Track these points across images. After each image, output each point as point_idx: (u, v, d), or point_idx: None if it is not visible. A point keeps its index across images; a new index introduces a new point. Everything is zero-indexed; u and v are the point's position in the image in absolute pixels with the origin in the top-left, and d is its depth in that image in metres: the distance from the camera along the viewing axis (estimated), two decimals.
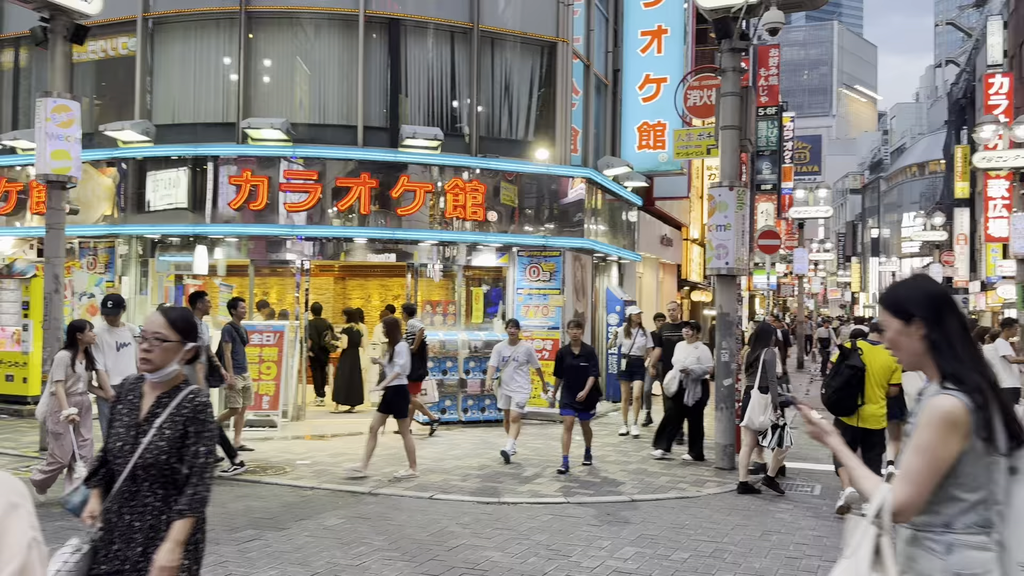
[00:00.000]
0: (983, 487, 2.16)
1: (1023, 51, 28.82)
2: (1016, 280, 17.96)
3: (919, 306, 2.26)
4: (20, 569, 1.07)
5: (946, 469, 2.14)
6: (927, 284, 2.35)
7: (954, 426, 2.12)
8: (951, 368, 2.19)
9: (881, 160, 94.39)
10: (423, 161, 11.81)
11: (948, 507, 2.16)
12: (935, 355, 2.24)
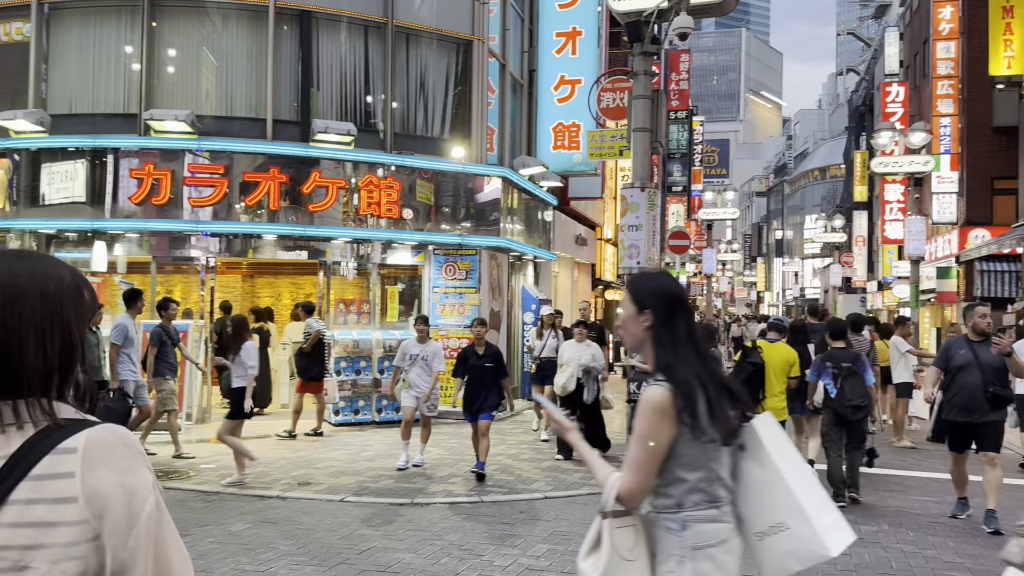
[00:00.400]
0: (702, 466, 2.32)
1: (917, 62, 30.33)
2: (910, 280, 18.90)
3: (654, 300, 2.43)
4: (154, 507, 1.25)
5: (664, 453, 2.30)
6: (666, 282, 2.52)
7: (662, 413, 2.28)
8: (665, 361, 2.36)
9: (785, 164, 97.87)
10: (336, 157, 11.59)
11: (676, 488, 2.32)
12: (655, 346, 2.41)
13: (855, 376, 7.43)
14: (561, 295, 19.59)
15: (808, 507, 2.33)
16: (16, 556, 1.16)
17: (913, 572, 5.52)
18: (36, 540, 1.17)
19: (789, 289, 77.57)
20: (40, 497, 1.18)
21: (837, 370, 7.46)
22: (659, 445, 2.28)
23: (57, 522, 1.18)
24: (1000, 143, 23.44)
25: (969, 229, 23.77)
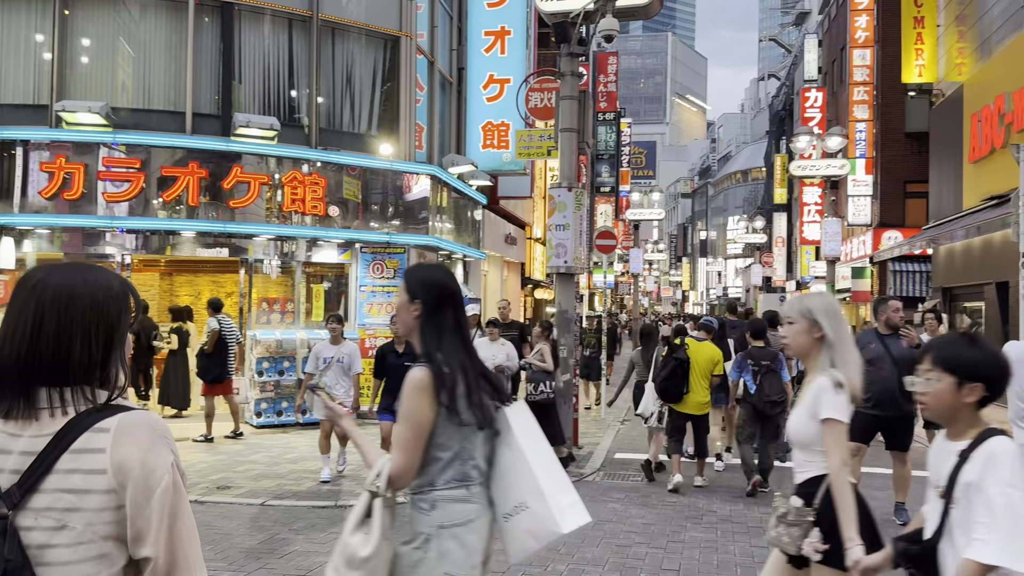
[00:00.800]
0: (455, 445, 2.42)
1: (835, 68, 31.39)
2: (827, 280, 19.54)
3: (424, 291, 2.54)
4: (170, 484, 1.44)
5: (427, 432, 2.39)
6: (438, 275, 2.63)
7: (423, 391, 2.39)
8: (427, 349, 2.50)
9: (709, 166, 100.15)
10: (258, 151, 11.33)
11: (431, 467, 2.42)
12: (420, 335, 2.54)
13: (773, 373, 7.77)
14: (491, 294, 19.60)
15: (547, 488, 2.45)
16: (58, 516, 1.40)
17: None
18: (74, 504, 1.41)
19: (713, 288, 79.41)
20: (77, 467, 1.42)
21: (757, 368, 7.79)
22: (422, 424, 2.37)
23: (90, 490, 1.41)
24: (912, 148, 24.45)
25: (883, 231, 24.74)
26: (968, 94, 18.84)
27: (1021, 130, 15.23)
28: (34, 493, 1.41)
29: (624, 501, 7.52)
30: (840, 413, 2.99)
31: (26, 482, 1.41)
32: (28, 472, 1.41)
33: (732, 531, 6.52)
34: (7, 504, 1.39)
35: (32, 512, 1.40)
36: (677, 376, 8.01)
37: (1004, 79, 16.41)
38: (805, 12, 52.37)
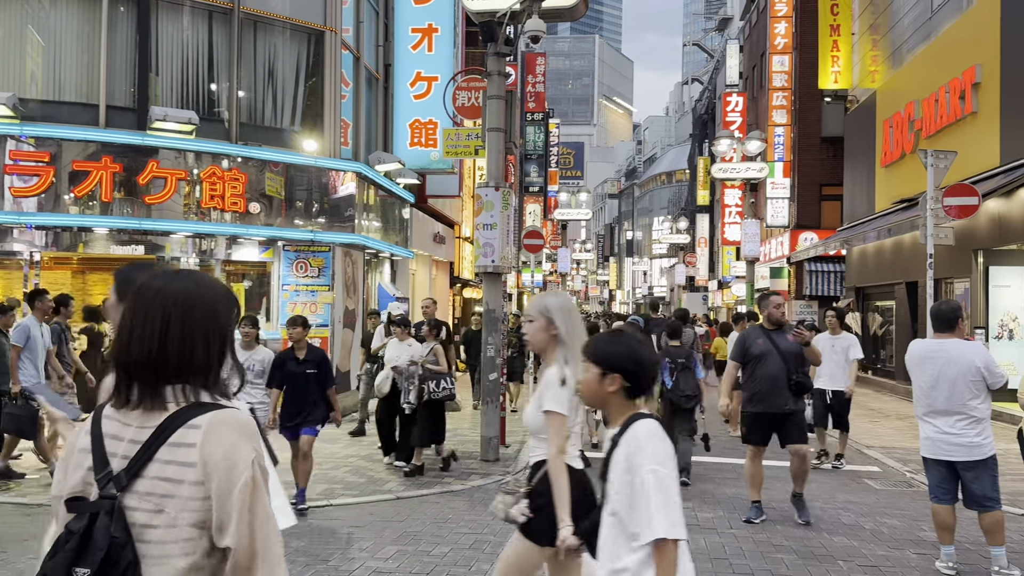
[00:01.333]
0: None
1: (755, 74, 32.26)
2: (746, 280, 20.06)
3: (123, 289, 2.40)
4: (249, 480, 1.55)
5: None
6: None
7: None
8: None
9: (635, 168, 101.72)
10: (176, 146, 10.99)
11: None
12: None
13: (687, 370, 8.27)
14: (419, 293, 19.47)
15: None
16: (157, 501, 1.55)
17: (744, 555, 5.84)
18: (169, 491, 1.55)
19: (639, 288, 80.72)
20: (173, 459, 1.56)
21: (673, 365, 8.26)
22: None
23: (183, 480, 1.55)
24: (828, 152, 25.31)
25: (799, 232, 25.55)
26: (880, 100, 19.61)
27: (930, 136, 15.93)
28: (138, 478, 1.57)
29: None
30: (560, 406, 3.22)
31: (132, 468, 1.57)
32: (134, 459, 1.58)
33: None
34: (116, 486, 1.56)
35: (136, 495, 1.56)
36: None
37: (914, 87, 17.14)
38: (727, 18, 53.68)
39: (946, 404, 5.26)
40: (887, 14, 19.59)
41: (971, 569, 5.47)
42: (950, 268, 14.57)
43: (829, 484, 8.48)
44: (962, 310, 5.66)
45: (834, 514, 7.13)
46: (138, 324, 1.63)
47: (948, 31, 15.59)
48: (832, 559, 5.75)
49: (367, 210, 13.57)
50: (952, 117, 14.88)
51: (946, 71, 15.20)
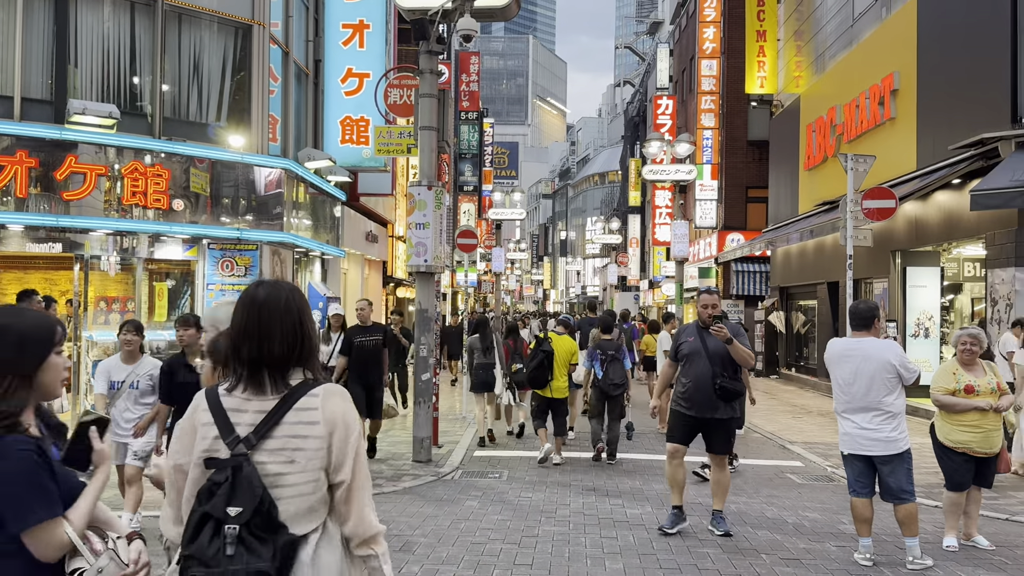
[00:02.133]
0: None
1: (685, 77, 32.85)
2: (676, 279, 20.41)
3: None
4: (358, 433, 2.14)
5: None
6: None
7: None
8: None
9: (569, 168, 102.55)
10: (96, 141, 10.60)
11: None
12: None
13: (617, 361, 9.32)
14: (351, 292, 19.24)
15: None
16: (289, 453, 2.04)
17: (671, 551, 5.93)
18: (298, 445, 2.04)
19: (572, 287, 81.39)
20: (299, 420, 2.06)
21: (604, 357, 9.31)
22: None
23: (308, 435, 2.06)
24: (754, 155, 25.94)
25: (726, 233, 26.12)
26: (804, 105, 20.19)
27: (851, 140, 16.47)
28: (267, 439, 2.04)
29: (481, 499, 7.56)
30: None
31: (260, 431, 2.05)
32: (260, 425, 2.05)
33: (584, 524, 6.68)
34: (247, 446, 2.03)
35: (267, 452, 2.03)
36: (544, 366, 9.27)
37: (836, 92, 17.70)
38: (658, 22, 54.53)
39: (863, 400, 5.43)
40: (811, 21, 20.19)
41: (888, 560, 5.67)
42: (869, 269, 15.10)
43: (754, 479, 8.69)
44: (879, 310, 5.87)
45: (758, 508, 7.31)
46: (276, 329, 2.13)
47: (868, 39, 16.14)
48: (756, 552, 5.89)
49: (296, 208, 13.34)
50: (872, 122, 15.42)
51: (866, 78, 15.74)
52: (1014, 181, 9.94)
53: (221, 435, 2.05)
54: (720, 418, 6.26)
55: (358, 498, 2.11)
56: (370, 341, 9.11)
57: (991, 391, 5.80)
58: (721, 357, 6.20)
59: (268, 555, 1.95)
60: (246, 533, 1.95)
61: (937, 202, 13.01)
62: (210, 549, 1.94)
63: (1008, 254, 11.02)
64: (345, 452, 2.08)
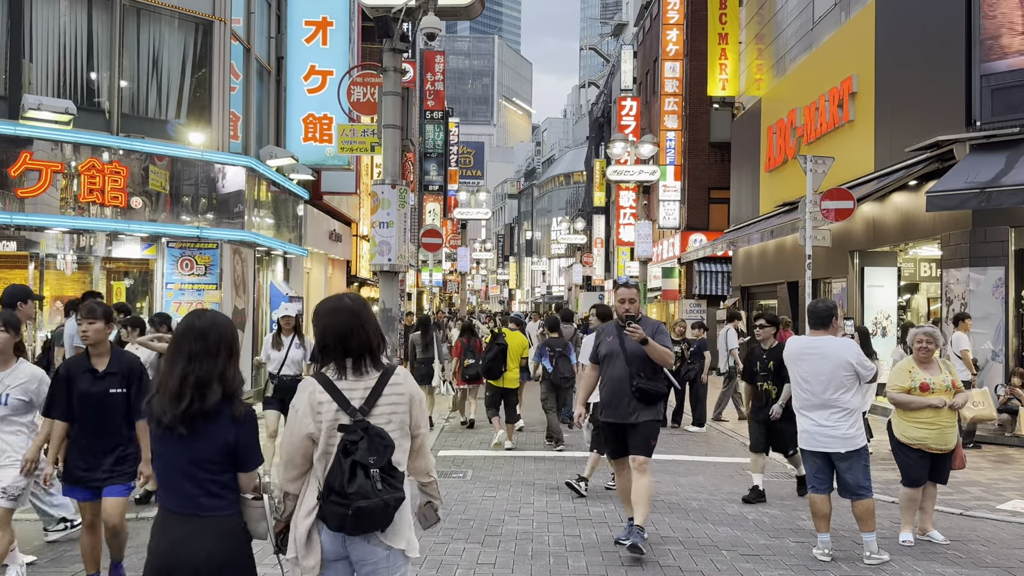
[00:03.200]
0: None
1: (649, 79, 33.09)
2: (640, 279, 20.54)
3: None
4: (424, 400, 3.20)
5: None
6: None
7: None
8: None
9: (535, 169, 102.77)
10: (51, 137, 10.38)
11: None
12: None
13: (564, 357, 10.21)
14: (314, 292, 19.06)
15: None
16: (388, 416, 2.89)
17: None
18: (394, 411, 2.91)
19: (538, 287, 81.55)
20: (392, 393, 2.92)
21: (552, 353, 10.21)
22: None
23: (399, 403, 2.93)
24: (716, 157, 26.22)
25: (689, 234, 26.37)
26: (765, 107, 20.45)
27: (810, 142, 16.72)
28: (374, 407, 2.88)
29: (445, 499, 7.51)
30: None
31: (370, 402, 2.88)
32: (368, 398, 2.89)
33: (547, 522, 6.69)
34: (363, 413, 2.84)
35: (374, 416, 2.86)
36: (499, 358, 10.10)
37: (796, 95, 17.95)
38: (623, 24, 54.89)
39: (821, 398, 5.52)
40: (772, 24, 20.45)
41: (845, 555, 5.77)
42: (828, 269, 15.34)
43: (715, 476, 8.78)
44: (837, 309, 5.96)
45: (719, 505, 7.38)
46: (359, 329, 2.93)
47: (828, 42, 16.40)
48: (716, 549, 5.95)
49: (258, 206, 13.19)
50: (831, 124, 15.66)
51: (826, 80, 15.99)
52: (968, 183, 10.17)
53: (341, 408, 2.84)
54: (639, 423, 5.77)
55: (425, 445, 3.12)
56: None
57: (946, 389, 5.92)
58: (639, 357, 5.74)
59: (399, 486, 2.85)
60: (384, 474, 2.78)
61: (894, 203, 13.26)
62: (367, 486, 2.72)
63: (963, 254, 11.26)
64: (420, 415, 3.03)
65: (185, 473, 2.75)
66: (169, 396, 2.73)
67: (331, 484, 2.74)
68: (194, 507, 2.74)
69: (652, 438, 5.89)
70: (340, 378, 2.87)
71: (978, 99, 11.09)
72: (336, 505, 2.71)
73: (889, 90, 13.56)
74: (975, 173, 10.30)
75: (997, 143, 10.66)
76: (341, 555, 2.85)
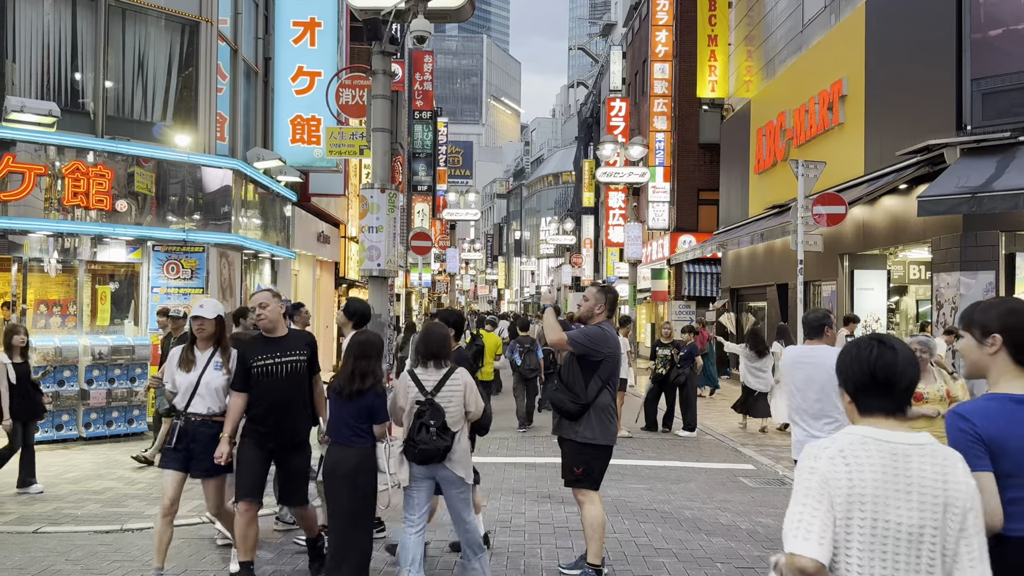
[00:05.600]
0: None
1: (638, 80, 33.06)
2: (629, 280, 20.49)
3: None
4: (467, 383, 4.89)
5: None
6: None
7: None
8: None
9: (523, 168, 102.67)
10: (34, 139, 10.22)
11: None
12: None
13: (531, 352, 12.43)
14: (303, 295, 18.92)
15: None
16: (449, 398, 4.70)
17: (627, 560, 5.90)
18: (452, 395, 4.72)
19: (527, 287, 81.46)
20: (452, 382, 4.74)
21: (522, 349, 12.43)
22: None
23: (456, 390, 4.75)
24: (705, 158, 26.21)
25: (679, 235, 26.35)
26: (755, 110, 20.44)
27: (800, 145, 16.71)
28: (439, 391, 4.65)
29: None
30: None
31: (436, 388, 4.66)
32: (436, 386, 4.66)
33: (539, 533, 6.62)
34: (432, 395, 4.63)
35: (439, 397, 4.63)
36: (478, 356, 11.17)
37: (786, 97, 17.94)
38: (611, 24, 54.87)
39: (815, 407, 5.46)
40: (761, 26, 20.44)
41: None
42: (818, 272, 15.33)
43: (708, 483, 8.73)
44: (830, 318, 5.91)
45: (712, 514, 7.33)
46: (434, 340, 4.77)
47: (818, 45, 16.39)
48: (711, 561, 5.89)
49: (245, 209, 13.05)
50: (821, 127, 15.65)
51: (816, 83, 15.97)
52: (959, 187, 10.16)
53: (420, 390, 4.67)
54: (561, 438, 5.40)
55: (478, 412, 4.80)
56: (285, 362, 5.16)
57: (940, 399, 5.87)
58: (566, 364, 5.40)
59: (449, 439, 4.60)
60: (438, 431, 4.56)
61: (884, 207, 13.26)
62: (426, 437, 4.55)
63: (953, 259, 11.26)
64: (471, 397, 4.72)
65: (346, 423, 4.71)
66: (345, 378, 4.73)
67: (410, 434, 4.63)
68: (348, 441, 4.70)
69: (575, 465, 5.27)
70: (424, 370, 4.74)
71: (969, 103, 11.08)
72: (410, 445, 4.61)
73: (879, 93, 13.55)
74: (966, 177, 10.28)
75: (988, 147, 10.65)
76: (427, 476, 4.70)
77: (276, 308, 5.19)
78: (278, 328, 5.24)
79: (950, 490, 2.05)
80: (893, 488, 2.05)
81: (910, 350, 2.23)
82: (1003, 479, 2.44)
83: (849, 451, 2.13)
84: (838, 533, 2.06)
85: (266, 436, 5.06)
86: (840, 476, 2.08)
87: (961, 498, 2.04)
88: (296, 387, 5.16)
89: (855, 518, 2.05)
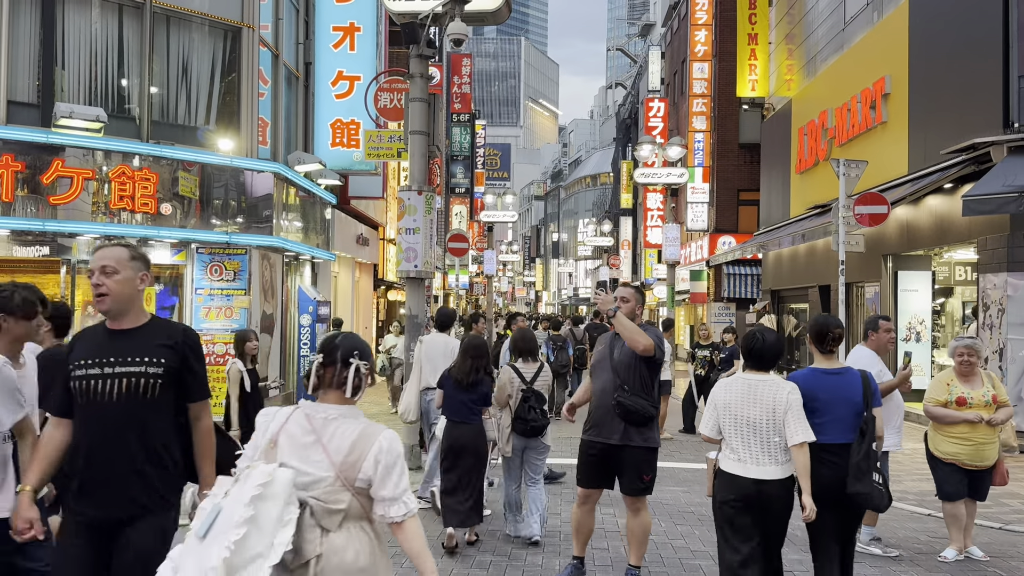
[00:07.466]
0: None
1: (676, 80, 32.85)
2: (667, 282, 20.37)
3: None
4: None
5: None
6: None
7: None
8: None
9: (561, 170, 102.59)
10: (83, 144, 10.50)
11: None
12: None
13: (563, 350, 13.50)
14: (342, 296, 19.16)
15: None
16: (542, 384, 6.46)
17: (664, 562, 5.87)
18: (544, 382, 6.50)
19: (564, 289, 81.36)
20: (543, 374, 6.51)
21: (554, 346, 13.34)
22: None
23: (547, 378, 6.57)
24: (745, 158, 25.94)
25: (718, 236, 26.11)
26: (796, 109, 20.19)
27: (842, 144, 16.47)
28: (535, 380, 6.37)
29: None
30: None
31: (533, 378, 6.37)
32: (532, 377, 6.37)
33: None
34: (531, 383, 6.32)
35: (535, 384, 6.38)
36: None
37: (827, 96, 17.70)
38: (650, 24, 54.61)
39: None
40: (802, 24, 20.20)
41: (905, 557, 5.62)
42: (861, 273, 15.09)
43: None
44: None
45: None
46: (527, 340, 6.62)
47: (860, 43, 16.15)
48: None
49: (286, 211, 13.25)
50: (863, 126, 15.42)
51: (858, 81, 15.74)
52: (1006, 186, 9.93)
53: (521, 380, 6.28)
54: (626, 445, 4.99)
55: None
56: (122, 375, 3.09)
57: (985, 404, 5.75)
58: (626, 366, 5.00)
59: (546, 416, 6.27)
60: (539, 410, 6.18)
61: (929, 206, 13.01)
62: (536, 416, 6.17)
63: (1000, 259, 11.01)
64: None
65: (464, 405, 6.10)
66: (464, 372, 6.11)
67: (519, 414, 6.17)
68: (465, 419, 6.10)
69: (645, 472, 5.03)
70: (523, 364, 6.41)
71: (1016, 100, 10.84)
72: (521, 422, 6.17)
73: (923, 91, 13.31)
74: (1013, 176, 10.05)
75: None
76: (522, 447, 6.25)
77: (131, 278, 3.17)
78: (127, 313, 3.16)
79: (777, 400, 4.06)
80: (747, 400, 4.11)
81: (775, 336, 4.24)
82: (814, 414, 4.13)
83: (729, 384, 4.22)
84: (722, 423, 4.18)
85: (79, 503, 2.99)
86: (721, 395, 4.20)
87: (782, 403, 4.04)
88: (134, 419, 3.02)
89: (728, 415, 4.16)
